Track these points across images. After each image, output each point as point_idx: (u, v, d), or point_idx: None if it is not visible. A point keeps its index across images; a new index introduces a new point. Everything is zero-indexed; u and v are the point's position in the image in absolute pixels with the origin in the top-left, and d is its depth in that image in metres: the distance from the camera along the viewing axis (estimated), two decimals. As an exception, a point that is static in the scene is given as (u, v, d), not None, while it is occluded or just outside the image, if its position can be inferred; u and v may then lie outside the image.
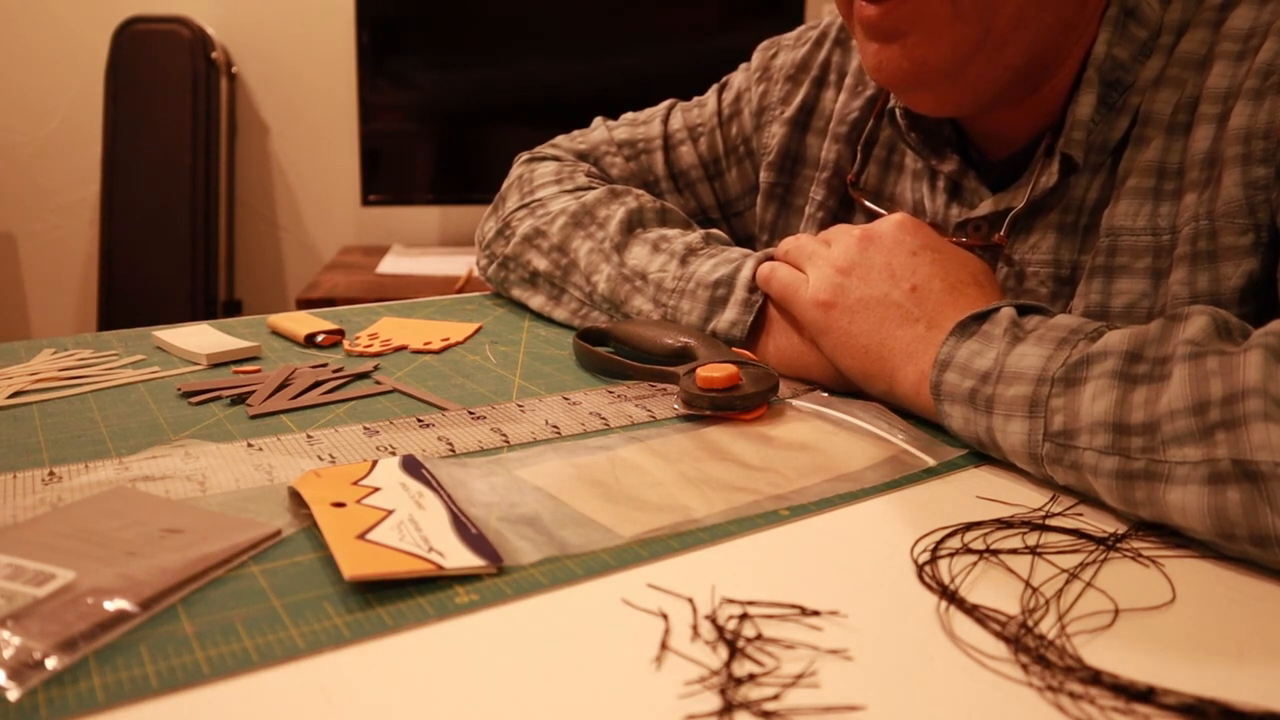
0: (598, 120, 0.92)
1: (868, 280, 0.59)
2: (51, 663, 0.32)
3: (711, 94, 0.89)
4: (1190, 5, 0.62)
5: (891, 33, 0.62)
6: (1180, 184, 0.59)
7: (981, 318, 0.53)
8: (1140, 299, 0.60)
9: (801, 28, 0.86)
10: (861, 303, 0.58)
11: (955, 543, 0.43)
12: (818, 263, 0.61)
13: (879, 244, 0.60)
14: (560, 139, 0.92)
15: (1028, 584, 0.39)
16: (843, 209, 0.79)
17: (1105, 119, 0.63)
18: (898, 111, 0.72)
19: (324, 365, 0.66)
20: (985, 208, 0.68)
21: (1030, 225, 0.66)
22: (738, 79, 0.88)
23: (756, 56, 0.87)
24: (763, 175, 0.83)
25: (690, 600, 0.38)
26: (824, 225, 0.78)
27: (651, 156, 0.88)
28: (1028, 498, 0.48)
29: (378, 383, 0.64)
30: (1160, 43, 0.62)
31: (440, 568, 0.39)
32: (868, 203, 0.75)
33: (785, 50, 0.85)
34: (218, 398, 0.60)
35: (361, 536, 0.40)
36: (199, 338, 0.71)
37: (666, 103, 0.91)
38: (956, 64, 0.61)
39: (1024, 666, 0.34)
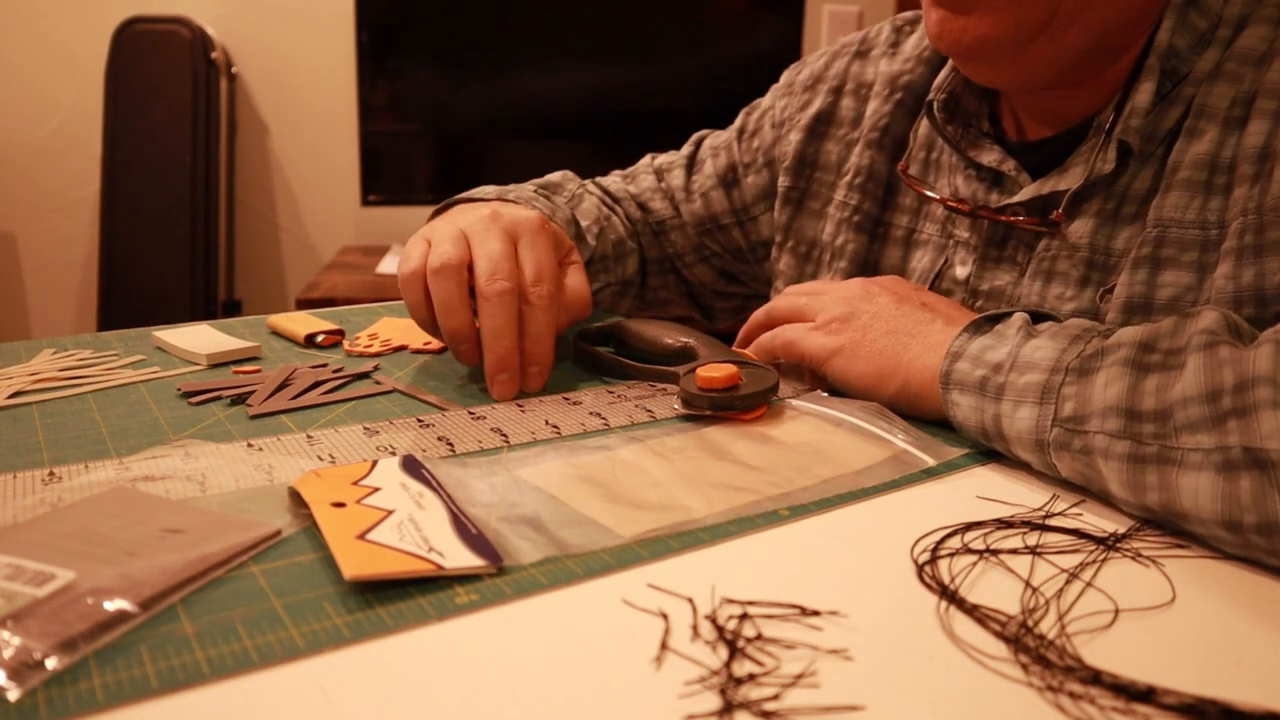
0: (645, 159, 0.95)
1: (877, 305, 0.62)
2: (51, 663, 0.32)
3: (739, 115, 0.93)
4: (1251, 1, 0.62)
5: (958, 5, 0.63)
6: (1231, 178, 0.59)
7: (995, 319, 0.55)
8: (1185, 292, 0.60)
9: (826, 47, 0.90)
10: (875, 316, 0.61)
11: (955, 543, 0.43)
12: (821, 299, 0.64)
13: (880, 284, 0.64)
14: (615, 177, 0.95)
15: (1028, 584, 0.39)
16: (881, 210, 0.78)
17: (1158, 108, 0.63)
18: (935, 104, 0.72)
19: (324, 365, 0.66)
20: (1027, 193, 0.67)
21: (1074, 210, 0.66)
22: (765, 99, 0.91)
23: (784, 76, 0.91)
24: (780, 180, 0.85)
25: (690, 600, 0.38)
26: (861, 229, 0.78)
27: (672, 173, 0.91)
28: (1028, 498, 0.48)
29: (378, 383, 0.64)
30: (1218, 35, 0.62)
31: (440, 568, 0.39)
32: (920, 189, 0.74)
33: (807, 66, 0.89)
34: (218, 398, 0.60)
35: (361, 536, 0.40)
36: (199, 338, 0.71)
37: (698, 134, 0.95)
38: (1019, 43, 0.62)
39: (1024, 666, 0.34)
